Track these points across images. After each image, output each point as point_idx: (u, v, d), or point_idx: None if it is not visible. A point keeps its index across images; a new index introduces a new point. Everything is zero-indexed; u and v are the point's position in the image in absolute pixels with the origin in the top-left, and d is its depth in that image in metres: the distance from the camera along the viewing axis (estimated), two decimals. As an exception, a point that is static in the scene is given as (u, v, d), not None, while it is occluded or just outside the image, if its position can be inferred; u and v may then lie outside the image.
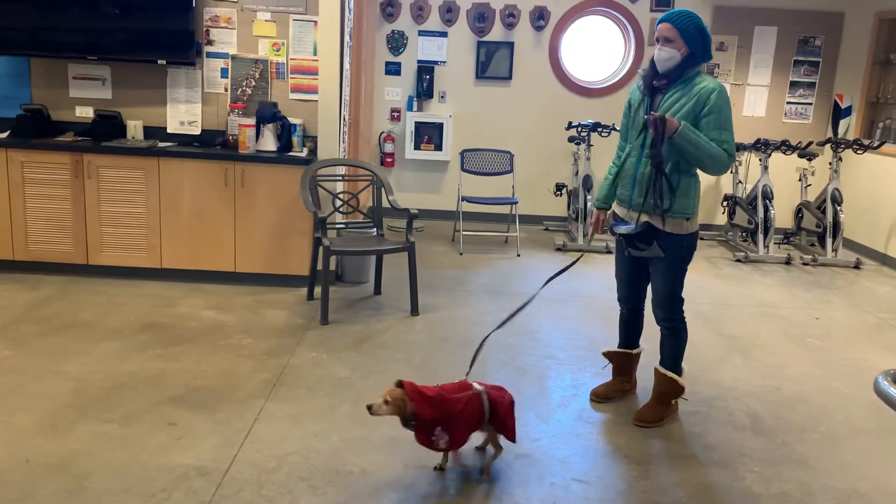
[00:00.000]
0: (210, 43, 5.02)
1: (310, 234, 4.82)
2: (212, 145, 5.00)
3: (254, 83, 5.07)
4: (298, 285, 4.90)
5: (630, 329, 3.54)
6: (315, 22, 4.96)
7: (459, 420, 2.63)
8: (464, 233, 6.55)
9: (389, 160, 7.45)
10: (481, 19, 7.28)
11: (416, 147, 7.42)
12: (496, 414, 2.72)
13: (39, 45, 4.88)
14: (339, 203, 4.91)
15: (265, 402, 3.30)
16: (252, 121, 4.91)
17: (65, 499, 2.50)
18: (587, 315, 4.79)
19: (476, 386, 2.75)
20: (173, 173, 4.76)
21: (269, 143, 4.90)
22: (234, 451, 2.87)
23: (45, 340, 3.84)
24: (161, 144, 4.92)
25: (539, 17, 7.27)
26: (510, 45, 7.34)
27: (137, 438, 2.92)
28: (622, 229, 3.19)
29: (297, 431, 3.05)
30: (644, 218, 3.11)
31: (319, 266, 4.60)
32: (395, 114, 7.48)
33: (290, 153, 4.90)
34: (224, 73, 5.06)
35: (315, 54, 5.01)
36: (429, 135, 7.41)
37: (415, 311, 4.60)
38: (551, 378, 3.75)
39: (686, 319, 3.30)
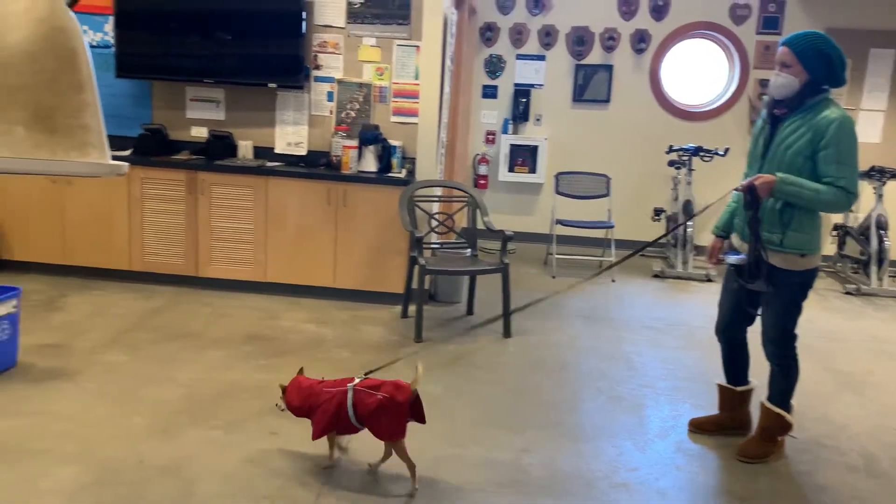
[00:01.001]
0: (318, 68, 5.22)
1: (406, 253, 4.90)
2: (316, 165, 5.18)
3: (357, 106, 5.23)
4: (393, 302, 4.99)
5: (732, 364, 3.39)
6: (418, 47, 5.08)
7: (319, 412, 2.76)
8: (557, 256, 6.50)
9: (483, 182, 7.50)
10: (580, 43, 7.26)
11: (510, 169, 7.44)
12: (364, 413, 2.70)
13: (161, 70, 5.21)
14: (434, 223, 4.98)
15: (362, 416, 3.36)
16: (355, 142, 5.07)
17: (175, 501, 2.62)
18: (687, 345, 4.65)
19: (351, 384, 2.76)
20: (280, 192, 4.96)
21: (370, 164, 5.03)
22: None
23: (157, 348, 4.05)
24: (269, 164, 5.14)
25: (640, 40, 7.19)
26: (609, 68, 7.28)
27: (242, 445, 3.03)
28: (732, 259, 3.10)
29: (392, 447, 3.09)
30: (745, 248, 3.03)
31: (414, 284, 4.67)
32: (491, 136, 7.54)
33: (390, 174, 5.02)
34: (330, 96, 5.25)
35: (416, 78, 5.13)
36: (523, 157, 7.42)
37: (507, 333, 4.59)
38: (649, 408, 3.66)
39: (798, 356, 3.16)
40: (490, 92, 7.48)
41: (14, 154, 1.09)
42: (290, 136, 5.31)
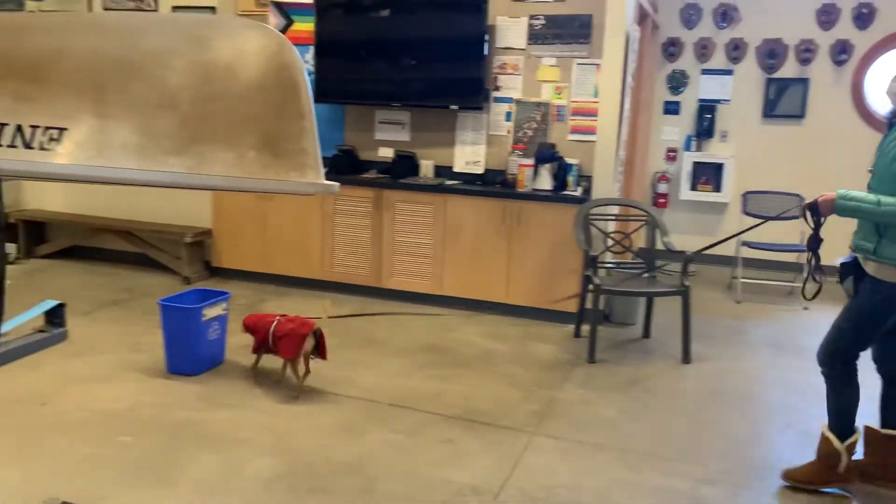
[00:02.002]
0: (497, 89, 5.36)
1: (580, 272, 4.88)
2: (493, 184, 5.31)
3: (535, 125, 5.31)
4: (566, 321, 4.98)
5: (885, 400, 3.06)
6: (598, 65, 5.06)
7: (256, 336, 3.81)
8: (742, 280, 6.16)
9: (662, 201, 7.28)
10: (772, 55, 6.87)
11: (693, 188, 7.17)
12: (277, 337, 3.70)
13: (353, 95, 5.60)
14: (610, 242, 4.92)
15: (534, 431, 3.40)
16: (531, 161, 5.14)
17: (356, 496, 2.80)
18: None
19: (278, 317, 3.78)
20: (457, 209, 5.14)
21: (545, 182, 5.08)
22: (506, 475, 2.99)
23: (344, 353, 4.33)
24: (448, 182, 5.34)
25: (840, 51, 6.67)
26: (804, 81, 6.81)
27: (419, 450, 3.17)
28: (836, 261, 3.02)
29: (564, 465, 3.09)
30: (857, 254, 2.91)
31: (588, 304, 4.63)
32: (672, 154, 7.31)
33: (565, 192, 5.03)
34: (508, 116, 5.37)
35: (595, 96, 5.11)
36: (707, 175, 7.12)
37: (686, 358, 4.42)
38: (844, 447, 3.37)
39: (853, 378, 2.92)
40: (672, 108, 7.27)
41: (245, 174, 1.26)
42: (469, 156, 5.48)
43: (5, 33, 1.36)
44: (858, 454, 3.12)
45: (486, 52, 5.21)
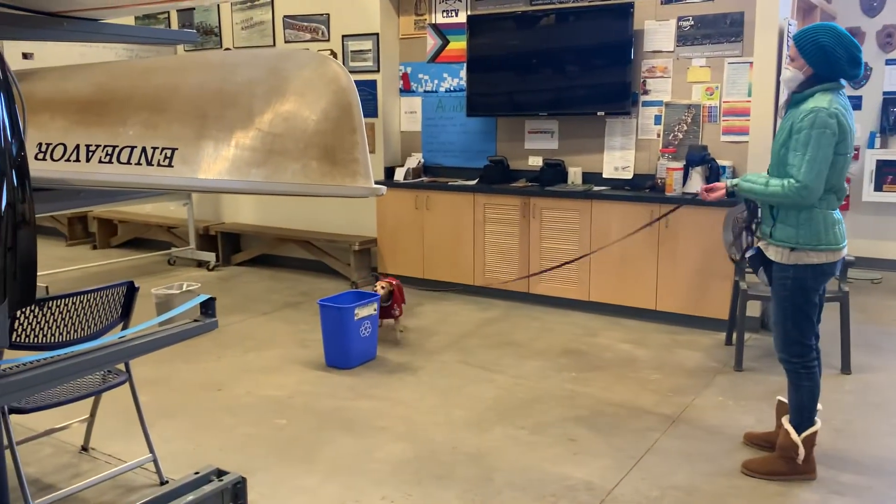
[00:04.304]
0: (646, 93, 5.32)
1: (732, 278, 4.71)
2: (641, 188, 5.27)
3: (685, 128, 5.20)
4: (717, 329, 4.82)
5: None
6: (750, 63, 4.87)
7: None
8: (932, 288, 5.57)
9: (843, 203, 6.73)
10: (972, 37, 6.15)
11: (878, 188, 6.57)
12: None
13: (503, 107, 5.81)
14: (766, 247, 4.69)
15: (661, 435, 3.38)
16: (681, 164, 5.04)
17: (475, 484, 2.98)
18: None
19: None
20: (604, 214, 5.16)
21: (696, 185, 4.94)
22: (623, 474, 3.03)
23: (485, 353, 4.54)
24: (595, 188, 5.37)
25: None
26: None
27: (540, 447, 3.29)
28: (747, 254, 3.18)
29: (685, 468, 3.07)
30: (760, 242, 3.07)
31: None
32: (853, 152, 6.75)
33: (718, 195, 4.87)
34: (657, 119, 5.30)
35: (749, 95, 4.92)
36: (894, 175, 6.50)
37: (846, 369, 4.13)
38: None
39: (812, 370, 2.96)
40: (853, 103, 6.70)
41: (309, 181, 1.50)
42: (618, 161, 5.48)
43: (141, 74, 1.72)
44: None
45: (632, 56, 5.20)
